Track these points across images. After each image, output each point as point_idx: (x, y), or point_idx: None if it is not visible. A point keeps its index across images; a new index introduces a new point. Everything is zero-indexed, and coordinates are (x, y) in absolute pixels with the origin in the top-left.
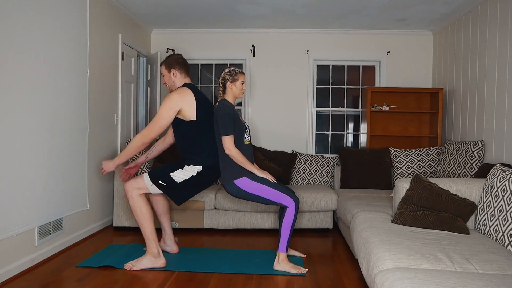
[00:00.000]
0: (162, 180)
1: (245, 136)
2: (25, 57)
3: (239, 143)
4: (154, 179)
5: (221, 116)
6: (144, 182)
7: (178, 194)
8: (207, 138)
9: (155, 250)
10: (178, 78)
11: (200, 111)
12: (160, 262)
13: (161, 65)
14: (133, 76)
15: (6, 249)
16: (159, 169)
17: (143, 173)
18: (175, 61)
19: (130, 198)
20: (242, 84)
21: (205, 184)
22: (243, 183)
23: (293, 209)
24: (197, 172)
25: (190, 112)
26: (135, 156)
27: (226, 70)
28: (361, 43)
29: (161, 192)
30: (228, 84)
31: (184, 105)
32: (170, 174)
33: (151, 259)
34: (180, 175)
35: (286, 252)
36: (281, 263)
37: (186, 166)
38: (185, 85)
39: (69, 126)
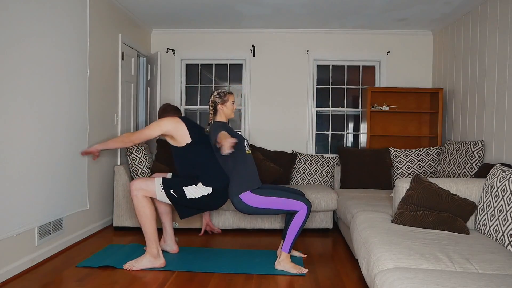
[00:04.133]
0: (174, 190)
1: (246, 146)
2: (24, 57)
3: (241, 154)
4: (166, 188)
5: (213, 128)
6: (154, 187)
7: (184, 209)
8: (213, 162)
9: (155, 251)
10: None
11: (194, 134)
12: (160, 262)
13: None
14: (133, 76)
15: (6, 249)
16: (174, 180)
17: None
18: (163, 111)
19: (135, 197)
20: (233, 103)
21: (211, 206)
22: (248, 197)
23: (305, 212)
24: (208, 193)
25: (183, 136)
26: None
27: (215, 93)
28: (361, 43)
29: (167, 201)
30: (219, 106)
31: (174, 129)
32: (184, 187)
33: (150, 259)
34: (192, 191)
35: (289, 252)
36: (282, 262)
37: (199, 184)
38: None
39: (69, 126)
